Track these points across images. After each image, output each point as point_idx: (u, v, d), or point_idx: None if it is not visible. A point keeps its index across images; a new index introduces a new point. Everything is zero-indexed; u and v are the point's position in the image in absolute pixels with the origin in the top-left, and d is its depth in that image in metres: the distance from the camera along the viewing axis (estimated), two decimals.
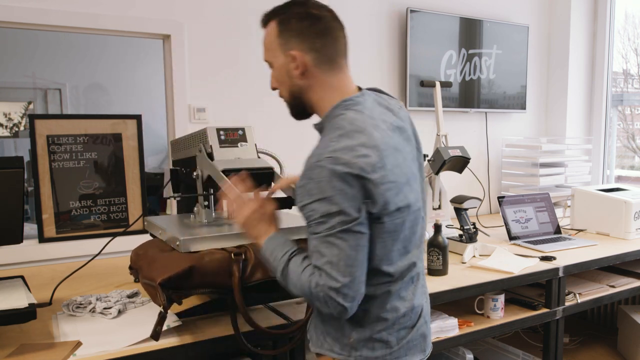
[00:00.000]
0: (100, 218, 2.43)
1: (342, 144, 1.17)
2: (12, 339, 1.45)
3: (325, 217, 1.15)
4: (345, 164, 1.14)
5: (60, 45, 4.65)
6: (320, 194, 1.15)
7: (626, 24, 3.97)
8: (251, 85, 2.75)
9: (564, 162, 3.56)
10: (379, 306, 1.27)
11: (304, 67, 1.26)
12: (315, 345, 1.36)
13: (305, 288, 1.19)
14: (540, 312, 2.21)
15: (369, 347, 1.28)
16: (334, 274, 1.15)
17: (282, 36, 1.28)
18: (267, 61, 1.34)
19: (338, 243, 1.15)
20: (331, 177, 1.14)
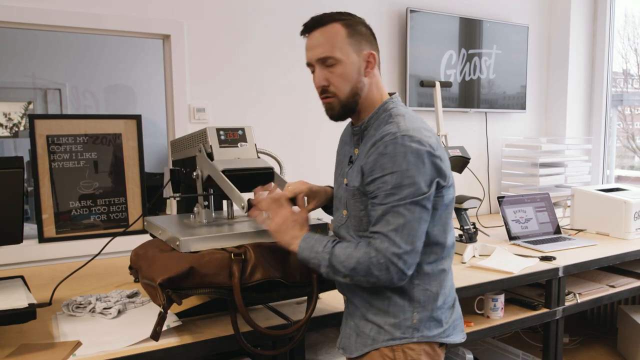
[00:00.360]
0: (100, 218, 2.43)
1: (412, 125, 1.31)
2: (12, 339, 1.45)
3: (397, 189, 1.27)
4: (419, 141, 1.28)
5: (60, 45, 4.65)
6: (394, 167, 1.27)
7: (626, 24, 3.98)
8: (251, 85, 2.75)
9: (564, 162, 3.56)
10: (436, 285, 1.39)
11: (375, 66, 1.41)
12: (363, 345, 1.40)
13: (363, 260, 1.28)
14: (540, 312, 2.21)
15: (427, 326, 1.38)
16: (398, 241, 1.26)
17: (353, 37, 1.38)
18: (332, 57, 1.36)
19: (405, 213, 1.27)
20: (406, 153, 1.26)
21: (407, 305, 1.36)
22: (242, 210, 1.50)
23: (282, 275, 1.49)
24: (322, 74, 1.39)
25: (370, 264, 1.27)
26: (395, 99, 1.43)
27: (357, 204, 1.38)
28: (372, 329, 1.39)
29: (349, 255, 1.31)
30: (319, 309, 1.67)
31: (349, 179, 1.42)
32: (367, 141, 1.38)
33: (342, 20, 1.38)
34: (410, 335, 1.36)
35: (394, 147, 1.27)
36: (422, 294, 1.37)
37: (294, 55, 2.86)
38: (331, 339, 1.93)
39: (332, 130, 3.03)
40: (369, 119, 1.41)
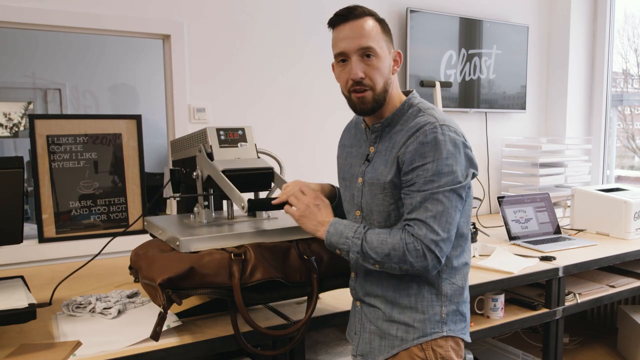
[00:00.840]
0: (100, 218, 2.43)
1: (445, 117, 1.35)
2: (12, 339, 1.45)
3: (436, 176, 1.28)
4: (455, 132, 1.32)
5: (60, 45, 4.65)
6: (435, 155, 1.29)
7: (626, 24, 3.98)
8: (251, 85, 2.75)
9: (564, 162, 3.56)
10: (461, 278, 1.42)
11: (400, 64, 1.42)
12: (390, 347, 1.39)
13: (398, 246, 1.29)
14: (540, 312, 2.21)
15: (454, 320, 1.40)
16: (436, 227, 1.28)
17: (386, 34, 1.38)
18: (371, 47, 1.33)
19: (444, 200, 1.29)
20: (446, 142, 1.29)
21: (435, 300, 1.37)
22: (242, 211, 1.50)
23: (282, 276, 1.49)
24: (360, 65, 1.34)
25: (406, 250, 1.28)
26: (417, 95, 1.44)
27: (387, 199, 1.37)
28: (398, 328, 1.38)
29: (383, 241, 1.31)
30: (319, 309, 1.67)
31: (369, 175, 1.40)
32: (392, 136, 1.38)
33: (374, 16, 1.37)
34: (440, 330, 1.37)
35: (434, 135, 1.29)
36: (449, 287, 1.38)
37: (293, 55, 2.86)
38: (331, 339, 1.93)
39: (332, 130, 3.03)
40: (394, 115, 1.40)
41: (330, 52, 2.92)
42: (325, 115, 2.98)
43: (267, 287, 1.48)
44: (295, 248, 1.54)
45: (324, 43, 2.94)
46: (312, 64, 2.91)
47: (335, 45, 1.37)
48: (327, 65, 2.91)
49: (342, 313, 1.70)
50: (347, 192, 1.50)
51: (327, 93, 2.97)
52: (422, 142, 1.29)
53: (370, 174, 1.40)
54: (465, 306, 1.43)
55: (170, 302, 1.35)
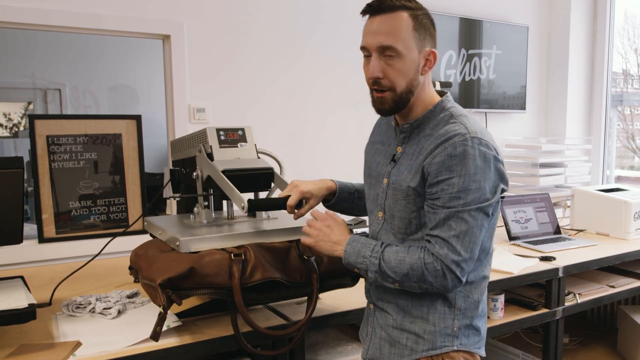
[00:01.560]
0: (100, 218, 2.43)
1: (478, 127, 1.27)
2: (12, 339, 1.45)
3: (463, 193, 1.22)
4: (487, 145, 1.24)
5: (60, 45, 4.65)
6: (462, 170, 1.21)
7: (626, 24, 3.98)
8: (251, 85, 2.75)
9: (564, 162, 3.56)
10: (478, 292, 1.36)
11: (433, 65, 1.32)
12: (400, 356, 1.35)
13: (416, 266, 1.24)
14: (540, 312, 2.21)
15: (466, 334, 1.34)
16: (458, 248, 1.22)
17: (419, 31, 1.28)
18: (392, 47, 1.25)
19: (469, 220, 1.22)
20: (475, 156, 1.22)
21: (447, 313, 1.32)
22: (242, 211, 1.50)
23: (282, 276, 1.49)
24: (379, 64, 1.27)
25: (425, 269, 1.24)
26: (450, 98, 1.37)
27: (409, 205, 1.31)
28: (408, 338, 1.34)
29: (401, 261, 1.26)
30: (319, 309, 1.67)
31: (394, 178, 1.35)
32: (420, 139, 1.32)
33: (410, 10, 1.27)
34: (450, 344, 1.32)
35: (463, 149, 1.21)
36: (463, 301, 1.33)
37: (293, 55, 2.86)
38: (331, 339, 1.93)
39: (333, 130, 3.04)
40: (424, 117, 1.33)
41: (330, 53, 2.93)
42: (325, 115, 2.98)
43: (267, 288, 1.48)
44: (295, 248, 1.54)
45: (324, 43, 2.95)
46: (312, 64, 2.91)
47: (362, 37, 1.30)
48: (327, 65, 2.94)
49: (342, 313, 1.70)
50: (371, 190, 1.45)
51: (327, 93, 2.97)
52: (450, 154, 1.22)
53: (394, 177, 1.35)
54: (480, 320, 1.38)
55: (170, 302, 1.35)
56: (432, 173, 1.25)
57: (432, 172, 1.25)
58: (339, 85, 2.99)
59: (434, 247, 1.24)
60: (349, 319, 1.74)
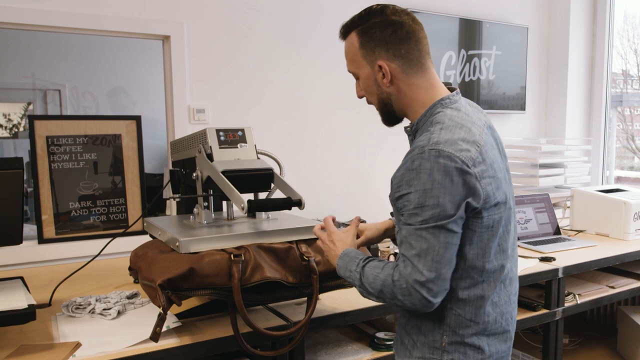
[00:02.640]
0: (99, 219, 2.43)
1: (444, 137, 1.18)
2: (12, 340, 1.45)
3: (419, 209, 1.16)
4: (448, 156, 1.15)
5: (60, 46, 4.65)
6: (418, 185, 1.16)
7: (625, 25, 3.98)
8: (251, 86, 2.75)
9: (564, 163, 3.56)
10: (471, 311, 1.27)
11: (391, 75, 1.28)
12: (404, 355, 1.36)
13: (387, 282, 1.21)
14: (539, 313, 2.21)
15: (461, 351, 1.28)
16: (420, 267, 1.17)
17: (365, 47, 1.29)
18: (352, 72, 1.35)
19: (428, 238, 1.16)
20: (432, 170, 1.15)
21: (437, 326, 1.29)
22: (241, 211, 1.50)
23: (282, 276, 1.49)
24: (357, 85, 1.37)
25: (393, 287, 1.20)
26: (447, 100, 1.29)
27: (396, 214, 1.28)
28: (409, 341, 1.35)
29: (375, 277, 1.24)
30: (319, 310, 1.67)
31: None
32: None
33: (357, 27, 1.30)
34: (439, 357, 1.28)
35: (420, 162, 1.16)
36: (453, 318, 1.27)
37: (293, 56, 2.86)
38: (331, 339, 1.93)
39: (333, 130, 3.04)
40: (418, 122, 1.31)
41: (330, 54, 2.94)
42: (325, 116, 2.98)
43: (267, 288, 1.48)
44: (295, 249, 1.54)
45: (324, 44, 2.95)
46: (312, 64, 2.91)
47: None
48: (327, 66, 2.94)
49: (342, 314, 1.70)
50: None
51: (327, 94, 2.97)
52: (408, 168, 1.18)
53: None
54: (478, 339, 1.28)
55: (169, 303, 1.35)
56: (394, 187, 1.22)
57: (394, 186, 1.22)
58: (338, 86, 2.99)
59: (401, 265, 1.20)
60: (349, 319, 1.74)
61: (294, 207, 1.60)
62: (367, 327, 2.03)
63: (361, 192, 3.11)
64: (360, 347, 1.86)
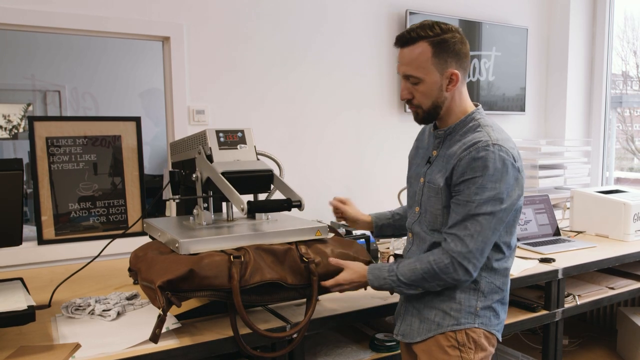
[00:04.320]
0: (99, 220, 2.43)
1: (499, 136, 1.44)
2: (11, 341, 1.45)
3: (480, 190, 1.39)
4: (506, 152, 1.41)
5: (60, 47, 4.65)
6: (482, 171, 1.39)
7: (625, 26, 3.98)
8: (250, 87, 2.75)
9: (563, 164, 3.56)
10: (500, 280, 1.54)
11: (457, 83, 1.48)
12: (427, 331, 1.52)
13: (428, 268, 1.44)
14: (539, 314, 2.21)
15: (487, 315, 1.52)
16: (471, 246, 1.40)
17: (439, 56, 1.45)
18: (412, 76, 1.47)
19: (483, 222, 1.40)
20: (495, 160, 1.39)
21: (472, 294, 1.50)
22: (241, 213, 1.50)
23: (282, 278, 1.49)
24: (407, 87, 1.51)
25: (437, 270, 1.42)
26: (481, 110, 1.54)
27: (437, 202, 1.49)
28: (436, 314, 1.51)
29: (414, 270, 1.45)
30: (318, 311, 1.67)
31: (428, 177, 1.54)
32: (451, 145, 1.50)
33: (430, 38, 1.44)
34: (472, 321, 1.49)
35: (485, 154, 1.39)
36: (487, 285, 1.51)
37: (294, 58, 2.86)
38: (330, 341, 1.93)
39: (333, 131, 3.04)
40: (455, 126, 1.51)
41: (330, 55, 2.94)
42: (326, 118, 2.98)
43: (267, 289, 1.48)
44: (294, 250, 1.54)
45: (325, 47, 2.95)
46: (313, 66, 2.91)
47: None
48: (328, 69, 2.95)
49: (341, 315, 1.70)
50: (411, 188, 1.64)
51: (328, 95, 2.97)
52: (474, 157, 1.40)
53: (429, 176, 1.54)
54: (500, 307, 1.55)
55: (169, 304, 1.35)
56: (458, 173, 1.43)
57: (458, 172, 1.42)
58: (339, 88, 2.99)
59: (449, 244, 1.42)
60: (348, 320, 1.74)
61: (293, 208, 1.60)
62: (367, 329, 2.03)
63: (361, 193, 3.11)
64: (360, 349, 1.86)
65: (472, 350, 1.49)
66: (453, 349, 1.49)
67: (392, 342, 1.83)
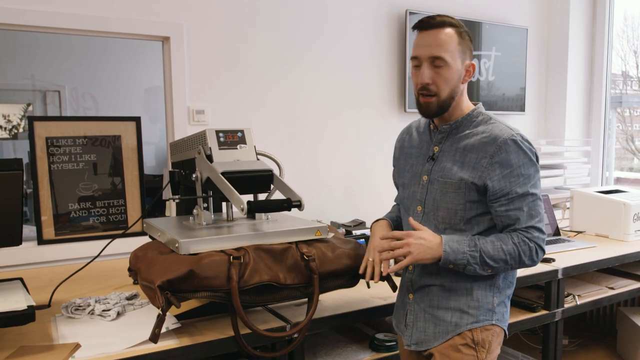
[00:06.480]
0: (99, 220, 2.43)
1: (518, 130, 1.48)
2: (11, 341, 1.45)
3: (529, 179, 1.44)
4: (528, 141, 1.47)
5: (60, 47, 4.65)
6: (521, 159, 1.43)
7: (625, 26, 3.98)
8: (250, 87, 2.75)
9: (563, 164, 3.56)
10: (512, 275, 1.56)
11: (471, 76, 1.50)
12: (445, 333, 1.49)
13: (513, 251, 1.43)
14: (539, 314, 2.21)
15: (501, 311, 1.52)
16: (543, 228, 1.46)
17: (462, 45, 1.46)
18: (441, 58, 1.44)
19: (540, 204, 1.46)
20: (526, 149, 1.44)
21: (489, 290, 1.50)
22: (241, 213, 1.50)
23: (282, 278, 1.49)
24: (429, 72, 1.45)
25: (521, 253, 1.42)
26: (483, 105, 1.57)
27: (458, 197, 1.46)
28: (453, 315, 1.49)
29: (499, 249, 1.42)
30: (318, 310, 1.67)
31: (439, 174, 1.50)
32: (461, 138, 1.49)
33: (455, 27, 1.46)
34: (490, 318, 1.49)
35: (513, 143, 1.43)
36: (502, 281, 1.52)
37: (294, 58, 2.86)
38: (330, 341, 1.93)
39: (333, 132, 3.04)
40: (463, 119, 1.51)
41: (330, 56, 2.94)
42: (326, 118, 2.98)
43: (267, 289, 1.48)
44: (294, 249, 1.54)
45: (325, 47, 2.95)
46: (313, 66, 2.91)
47: (413, 49, 1.49)
48: (328, 69, 2.95)
49: (341, 315, 1.70)
50: (406, 190, 1.60)
51: (328, 95, 2.97)
52: (506, 150, 1.42)
53: (438, 173, 1.50)
54: (508, 301, 1.57)
55: (168, 304, 1.35)
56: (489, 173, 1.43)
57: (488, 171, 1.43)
58: (340, 88, 2.99)
59: (531, 234, 1.43)
60: (348, 320, 1.74)
61: (293, 208, 1.60)
62: (367, 328, 2.03)
63: (361, 194, 3.11)
64: (360, 348, 1.86)
65: (485, 350, 1.48)
66: (467, 347, 1.47)
67: (392, 342, 1.83)
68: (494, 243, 1.43)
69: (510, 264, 1.44)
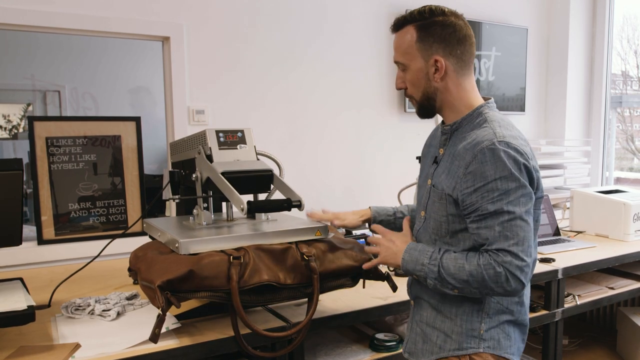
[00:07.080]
0: (99, 220, 2.43)
1: (506, 133, 1.29)
2: (11, 341, 1.45)
3: (506, 195, 1.24)
4: (515, 149, 1.26)
5: (60, 47, 4.65)
6: (498, 172, 1.24)
7: (625, 26, 3.98)
8: (250, 87, 2.75)
9: (563, 164, 3.56)
10: (509, 299, 1.37)
11: (444, 72, 1.35)
12: (430, 353, 1.40)
13: (475, 272, 1.25)
14: (539, 314, 2.21)
15: (495, 338, 1.36)
16: (521, 254, 1.23)
17: (423, 41, 1.34)
18: (400, 62, 1.39)
19: (522, 225, 1.24)
20: (507, 159, 1.24)
21: (475, 315, 1.35)
22: (241, 213, 1.49)
23: (282, 278, 1.49)
24: (399, 76, 1.41)
25: (485, 276, 1.24)
26: (491, 104, 1.40)
27: (441, 209, 1.35)
28: (438, 336, 1.39)
29: (460, 268, 1.27)
30: (318, 310, 1.67)
31: (434, 180, 1.40)
32: (457, 142, 1.36)
33: (416, 22, 1.35)
34: (476, 346, 1.35)
35: (493, 153, 1.24)
36: (493, 305, 1.36)
37: (294, 58, 2.86)
38: (330, 340, 1.93)
39: (334, 132, 3.04)
40: (462, 120, 1.38)
41: (331, 56, 2.94)
42: (326, 118, 2.98)
43: (267, 289, 1.48)
44: (294, 249, 1.54)
45: (325, 47, 2.95)
46: (313, 66, 2.91)
47: None
48: (328, 69, 2.95)
49: (341, 315, 1.70)
50: (420, 190, 1.51)
51: (328, 96, 2.97)
52: (481, 161, 1.25)
53: (435, 178, 1.40)
54: (512, 327, 1.39)
55: (168, 304, 1.35)
56: (465, 184, 1.28)
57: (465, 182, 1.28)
58: (339, 88, 2.99)
59: (501, 257, 1.24)
60: (348, 320, 1.74)
61: (293, 208, 1.60)
62: (367, 328, 2.03)
63: (361, 194, 3.11)
64: (360, 348, 1.86)
65: None
66: None
67: (392, 342, 1.83)
68: (457, 260, 1.28)
69: (476, 288, 1.26)
